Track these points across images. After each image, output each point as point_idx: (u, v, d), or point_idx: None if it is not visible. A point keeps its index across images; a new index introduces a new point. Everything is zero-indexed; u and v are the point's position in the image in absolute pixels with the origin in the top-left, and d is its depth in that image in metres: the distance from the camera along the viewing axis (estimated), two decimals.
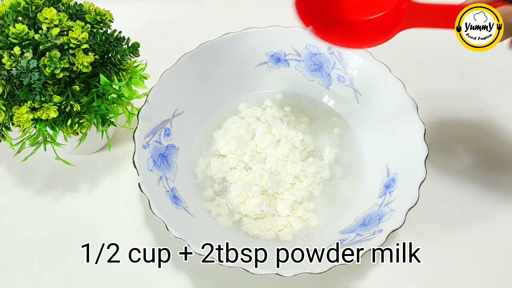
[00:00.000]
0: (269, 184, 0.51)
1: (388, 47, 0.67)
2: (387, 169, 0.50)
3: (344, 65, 0.56)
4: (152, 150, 0.50)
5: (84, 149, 0.55)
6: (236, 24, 0.59)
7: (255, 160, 0.53)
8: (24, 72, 0.44)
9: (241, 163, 0.53)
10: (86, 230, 0.52)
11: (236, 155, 0.53)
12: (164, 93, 0.52)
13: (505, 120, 0.60)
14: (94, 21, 0.48)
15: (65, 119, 0.47)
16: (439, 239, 0.51)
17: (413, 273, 0.49)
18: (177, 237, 0.43)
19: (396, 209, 0.45)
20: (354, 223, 0.48)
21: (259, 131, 0.54)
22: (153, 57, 0.54)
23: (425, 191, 0.46)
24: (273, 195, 0.51)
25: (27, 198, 0.54)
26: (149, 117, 0.50)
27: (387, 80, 0.53)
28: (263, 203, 0.50)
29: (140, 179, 0.46)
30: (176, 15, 0.72)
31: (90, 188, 0.55)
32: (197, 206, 0.50)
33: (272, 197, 0.51)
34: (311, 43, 0.56)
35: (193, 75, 0.55)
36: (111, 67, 0.49)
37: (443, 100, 0.62)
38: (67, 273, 0.49)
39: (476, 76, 0.64)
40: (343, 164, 0.54)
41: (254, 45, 0.57)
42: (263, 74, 0.59)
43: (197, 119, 0.56)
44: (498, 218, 0.52)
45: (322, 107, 0.58)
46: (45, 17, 0.46)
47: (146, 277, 0.49)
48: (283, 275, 0.41)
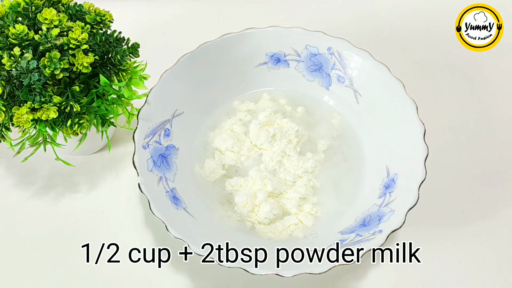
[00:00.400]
0: (272, 186, 0.51)
1: (387, 47, 0.67)
2: (387, 170, 0.50)
3: (344, 66, 0.56)
4: (152, 150, 0.50)
5: (84, 150, 0.55)
6: (236, 25, 0.59)
7: (250, 160, 0.53)
8: (24, 73, 0.44)
9: (238, 168, 0.53)
10: (86, 230, 0.52)
11: (233, 152, 0.54)
12: (164, 93, 0.52)
13: (505, 120, 0.60)
14: (94, 21, 0.48)
15: (65, 119, 0.47)
16: (439, 239, 0.51)
17: (413, 274, 0.49)
18: (177, 238, 0.43)
19: (396, 210, 0.46)
20: (354, 223, 0.48)
21: (253, 127, 0.54)
22: (153, 57, 0.54)
23: (425, 192, 0.46)
24: (278, 195, 0.51)
25: (27, 198, 0.54)
26: (149, 117, 0.50)
27: (386, 80, 0.53)
28: (273, 207, 0.50)
29: (140, 179, 0.46)
30: (176, 16, 0.72)
31: (90, 188, 0.55)
32: (197, 206, 0.50)
33: (277, 197, 0.51)
34: (311, 44, 0.56)
35: (193, 75, 0.55)
36: (111, 67, 0.49)
37: (443, 100, 0.62)
38: (67, 273, 0.49)
39: (475, 76, 0.64)
40: (344, 158, 0.54)
41: (254, 45, 0.57)
42: (263, 74, 0.59)
43: (197, 120, 0.56)
44: (498, 219, 0.53)
45: (322, 106, 0.58)
46: (45, 18, 0.46)
47: (146, 277, 0.49)
48: (283, 275, 0.41)
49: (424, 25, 0.70)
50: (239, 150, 0.54)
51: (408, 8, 0.72)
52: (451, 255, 0.50)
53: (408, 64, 0.65)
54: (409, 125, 0.50)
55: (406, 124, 0.50)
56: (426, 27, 0.70)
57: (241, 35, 0.56)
